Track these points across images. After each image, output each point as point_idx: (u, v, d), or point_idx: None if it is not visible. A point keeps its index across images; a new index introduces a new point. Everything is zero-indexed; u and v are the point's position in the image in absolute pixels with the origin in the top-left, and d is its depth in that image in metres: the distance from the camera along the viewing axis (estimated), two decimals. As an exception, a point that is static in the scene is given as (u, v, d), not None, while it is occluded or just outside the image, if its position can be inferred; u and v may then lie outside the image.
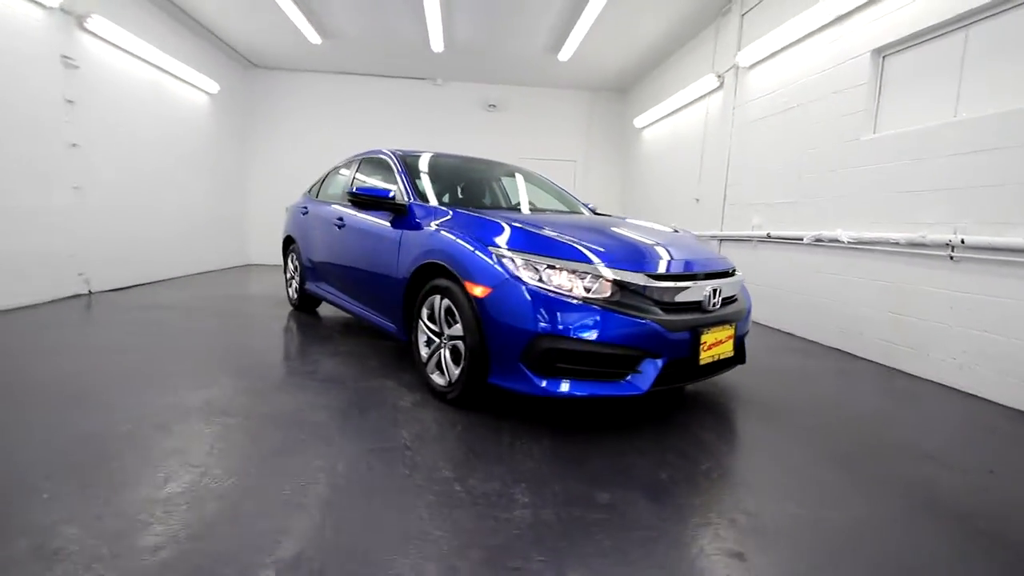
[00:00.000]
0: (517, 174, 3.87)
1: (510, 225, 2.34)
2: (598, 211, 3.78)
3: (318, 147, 8.68)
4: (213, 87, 7.07)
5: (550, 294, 2.02)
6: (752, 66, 5.21)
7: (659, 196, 7.62)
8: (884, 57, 3.70)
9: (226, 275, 7.17)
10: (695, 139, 6.51)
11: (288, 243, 4.75)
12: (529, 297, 2.02)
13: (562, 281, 2.05)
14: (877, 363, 3.56)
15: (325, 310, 4.73)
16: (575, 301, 2.01)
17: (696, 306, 2.24)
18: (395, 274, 2.78)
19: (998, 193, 2.83)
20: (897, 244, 3.38)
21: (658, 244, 2.40)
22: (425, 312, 2.54)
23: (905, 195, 3.38)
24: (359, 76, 8.68)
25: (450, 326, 2.37)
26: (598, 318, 2.00)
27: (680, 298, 2.19)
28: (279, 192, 8.64)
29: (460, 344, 2.28)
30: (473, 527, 1.45)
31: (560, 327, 1.98)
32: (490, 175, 3.77)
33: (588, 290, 2.04)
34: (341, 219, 3.55)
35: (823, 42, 4.22)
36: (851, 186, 3.85)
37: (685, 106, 6.80)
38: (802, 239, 4.27)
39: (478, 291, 2.15)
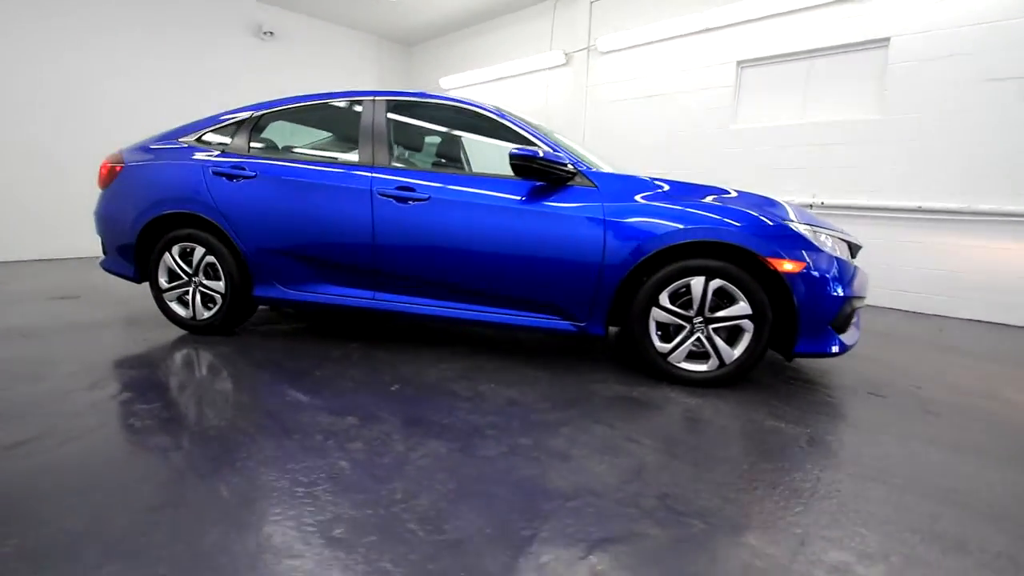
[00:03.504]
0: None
1: (759, 196, 2.35)
2: None
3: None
4: None
5: (842, 260, 2.25)
6: (610, 52, 5.98)
7: (492, 159, 7.77)
8: (743, 68, 5.05)
9: None
10: (534, 109, 6.94)
11: (167, 225, 2.81)
12: (835, 266, 2.20)
13: (837, 247, 2.30)
14: (756, 290, 5.10)
15: (250, 324, 3.09)
16: (851, 264, 2.32)
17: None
18: (598, 260, 2.30)
19: (840, 172, 4.51)
20: (772, 206, 4.86)
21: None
22: (665, 297, 2.27)
23: (774, 171, 4.86)
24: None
25: (713, 309, 2.25)
26: (860, 275, 2.38)
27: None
28: None
29: (744, 323, 2.21)
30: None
31: (855, 289, 2.27)
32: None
33: (844, 253, 2.37)
34: (409, 188, 2.49)
35: (690, 45, 5.32)
36: (725, 162, 5.17)
37: (517, 75, 7.09)
38: (681, 203, 5.45)
39: (789, 266, 2.14)
